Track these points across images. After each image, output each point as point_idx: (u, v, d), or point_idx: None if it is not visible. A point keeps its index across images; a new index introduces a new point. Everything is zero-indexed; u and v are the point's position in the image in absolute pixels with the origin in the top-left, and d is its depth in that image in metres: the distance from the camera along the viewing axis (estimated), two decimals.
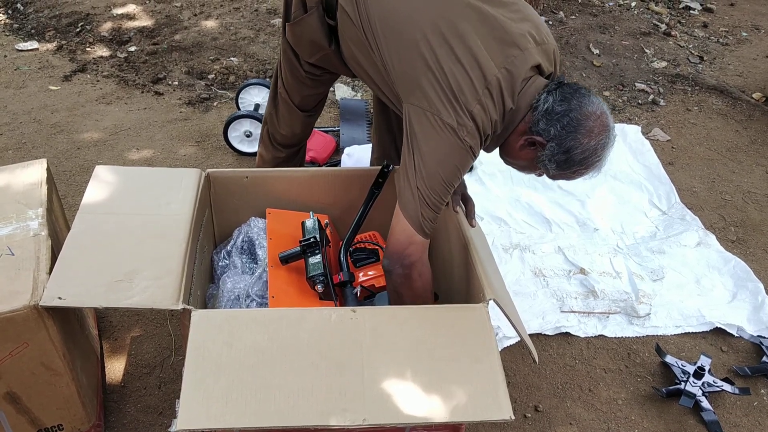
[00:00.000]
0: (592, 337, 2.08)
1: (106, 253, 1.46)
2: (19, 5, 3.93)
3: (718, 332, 2.12)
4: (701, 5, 4.35)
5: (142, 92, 3.23)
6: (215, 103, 3.15)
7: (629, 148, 2.95)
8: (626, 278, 2.28)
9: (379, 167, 1.81)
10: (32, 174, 1.72)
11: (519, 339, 2.04)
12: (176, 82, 3.29)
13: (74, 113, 3.05)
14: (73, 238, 1.50)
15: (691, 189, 2.78)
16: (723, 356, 2.05)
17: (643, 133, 3.06)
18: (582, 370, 1.97)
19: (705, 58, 3.67)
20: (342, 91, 3.26)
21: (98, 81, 3.30)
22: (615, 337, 2.09)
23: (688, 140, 3.09)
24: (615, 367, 1.99)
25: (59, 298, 1.33)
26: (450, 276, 1.73)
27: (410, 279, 1.49)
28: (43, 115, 3.03)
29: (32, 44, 3.59)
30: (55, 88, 3.24)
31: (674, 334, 2.11)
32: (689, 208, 2.63)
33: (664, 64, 3.55)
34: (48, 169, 1.75)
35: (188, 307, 1.33)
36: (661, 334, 2.11)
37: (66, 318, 1.47)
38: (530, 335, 2.05)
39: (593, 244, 2.45)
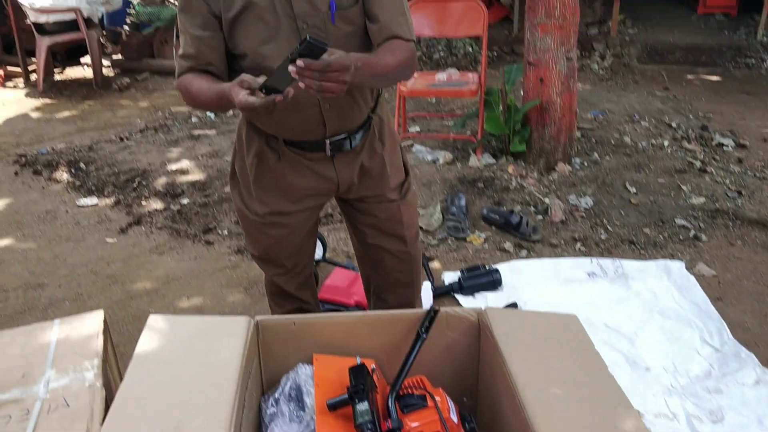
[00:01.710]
0: None
1: (157, 403, 1.49)
2: (81, 164, 4.21)
3: None
4: (734, 141, 4.44)
5: (194, 242, 3.37)
6: None
7: (674, 285, 2.93)
8: (684, 420, 2.19)
9: (426, 310, 1.83)
10: (90, 325, 1.80)
11: None
12: (226, 232, 3.43)
13: (129, 264, 3.18)
14: (126, 388, 1.53)
15: (742, 325, 2.71)
16: None
17: (688, 269, 3.04)
18: None
19: (743, 193, 3.70)
20: None
21: (152, 232, 3.46)
22: None
23: (734, 275, 3.05)
24: None
25: None
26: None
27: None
28: (99, 267, 3.16)
29: (92, 200, 3.82)
30: (112, 240, 3.41)
31: None
32: (743, 345, 2.56)
33: (702, 199, 3.58)
34: (105, 321, 1.82)
35: None
36: None
37: None
38: None
39: (645, 383, 2.38)
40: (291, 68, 1.41)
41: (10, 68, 6.27)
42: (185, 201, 3.72)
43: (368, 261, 2.18)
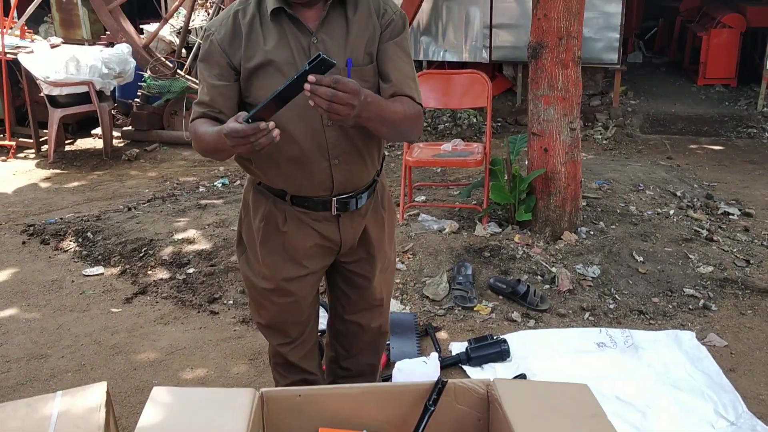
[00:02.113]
0: None
1: None
2: (89, 234, 4.23)
3: None
4: (740, 210, 4.44)
5: (198, 312, 3.35)
6: None
7: (686, 355, 2.88)
8: None
9: (433, 382, 1.80)
10: (92, 397, 1.77)
11: None
12: (231, 301, 3.42)
13: (133, 334, 3.16)
14: None
15: (757, 397, 2.66)
16: None
17: (699, 339, 3.00)
18: None
19: (751, 262, 3.68)
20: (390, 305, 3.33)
21: (157, 302, 3.45)
22: None
23: (747, 345, 3.01)
24: None
25: None
26: None
27: None
28: (103, 337, 3.14)
29: (98, 269, 3.82)
30: (117, 310, 3.39)
31: None
32: (758, 418, 2.50)
33: (710, 268, 3.56)
34: (107, 393, 1.80)
35: None
36: None
37: None
38: None
39: None
40: (306, 85, 1.48)
41: (21, 139, 6.38)
42: (191, 270, 3.72)
43: (339, 334, 2.22)
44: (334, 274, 2.13)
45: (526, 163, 4.06)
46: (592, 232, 3.88)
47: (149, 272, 3.75)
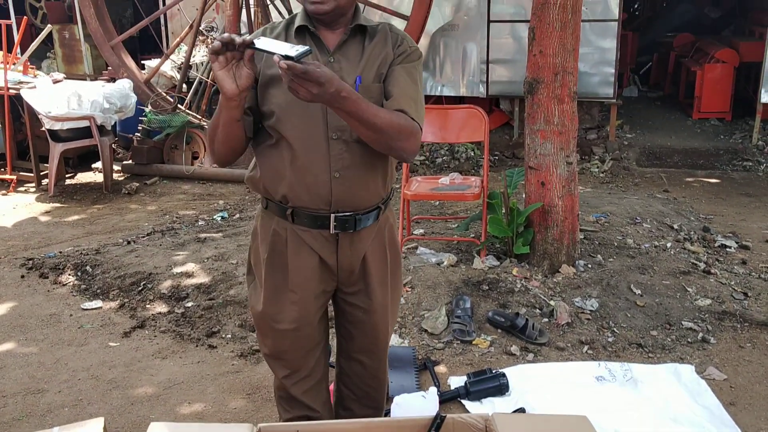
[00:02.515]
0: None
1: None
2: (88, 268, 4.23)
3: None
4: (737, 243, 4.46)
5: (197, 346, 3.34)
6: None
7: (685, 389, 2.87)
8: None
9: (432, 416, 1.80)
10: None
11: None
12: (229, 335, 3.41)
13: (131, 368, 3.15)
14: None
15: (758, 431, 2.64)
16: None
17: (698, 373, 2.99)
18: None
19: (749, 294, 3.68)
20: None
21: (155, 336, 3.44)
22: None
23: (746, 379, 3.00)
24: None
25: None
26: None
27: None
28: (100, 372, 3.13)
29: (97, 303, 3.82)
30: (115, 344, 3.39)
31: None
32: None
33: (708, 301, 3.57)
34: (105, 428, 1.79)
35: None
36: None
37: None
38: None
39: None
40: (275, 58, 1.61)
41: (22, 173, 6.42)
42: (189, 304, 3.72)
43: (344, 373, 2.23)
44: (337, 310, 2.14)
45: (524, 196, 4.09)
46: (590, 265, 3.89)
47: (148, 306, 3.75)
